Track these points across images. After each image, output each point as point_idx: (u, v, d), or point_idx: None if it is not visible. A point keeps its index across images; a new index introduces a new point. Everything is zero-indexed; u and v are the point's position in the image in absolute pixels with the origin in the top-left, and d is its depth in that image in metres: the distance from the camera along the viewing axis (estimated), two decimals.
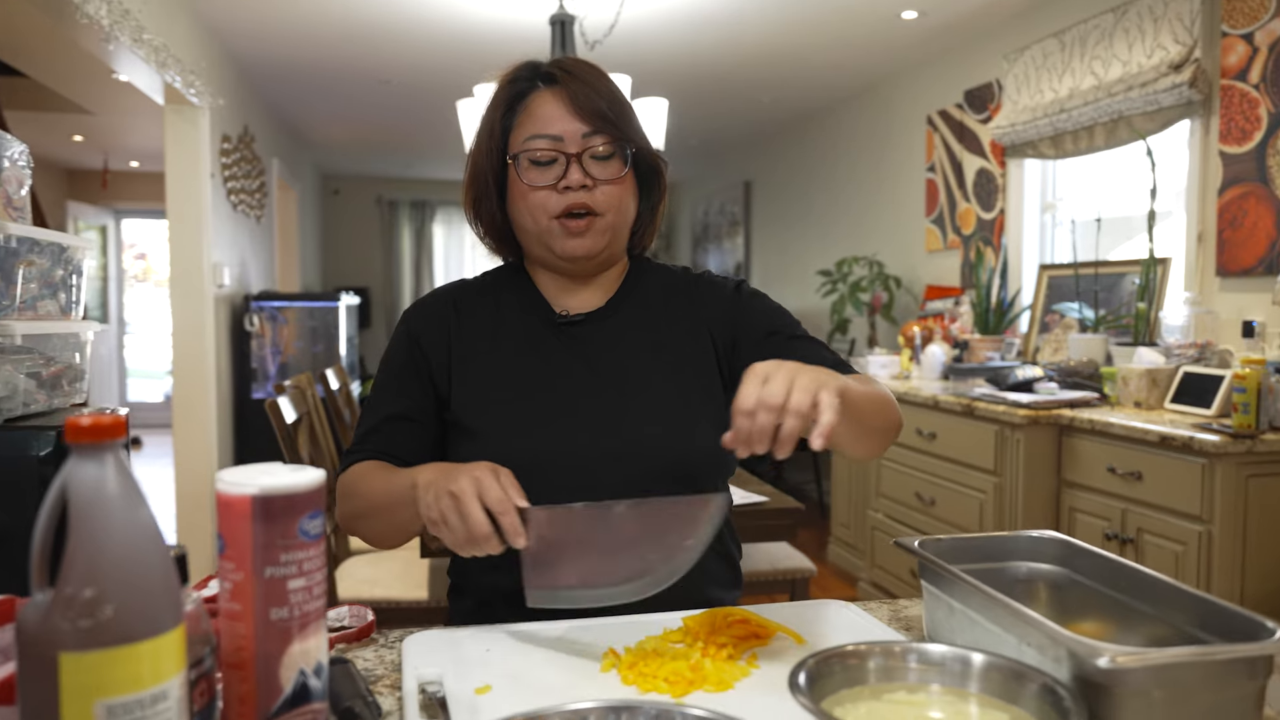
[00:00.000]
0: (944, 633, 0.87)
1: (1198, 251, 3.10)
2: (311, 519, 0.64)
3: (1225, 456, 2.36)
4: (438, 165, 8.27)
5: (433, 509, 0.92)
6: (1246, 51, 2.86)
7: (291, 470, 0.65)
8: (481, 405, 1.15)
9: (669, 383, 1.16)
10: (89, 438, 0.54)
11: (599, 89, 1.13)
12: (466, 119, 3.41)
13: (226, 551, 0.63)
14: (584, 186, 1.10)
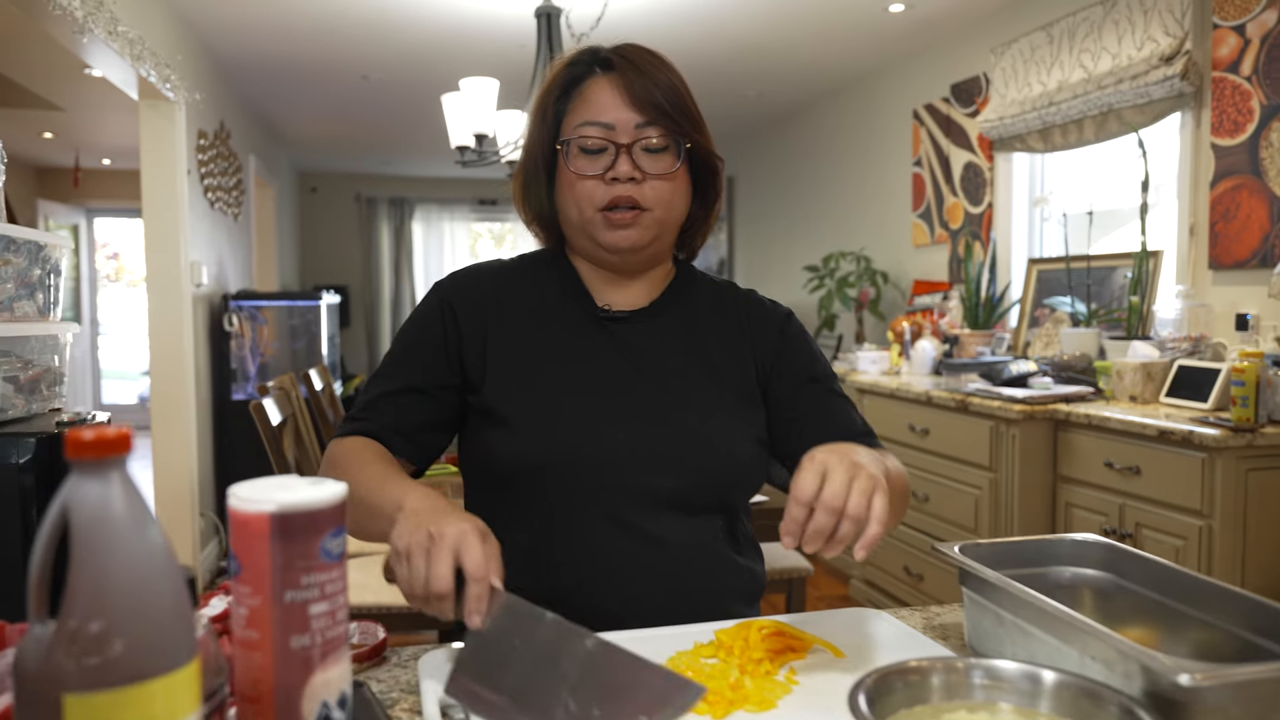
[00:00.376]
0: (990, 644, 0.83)
1: (1190, 244, 3.09)
2: (334, 537, 0.59)
3: (1226, 450, 2.34)
4: (417, 162, 8.17)
5: (403, 540, 0.82)
6: (1238, 43, 2.85)
7: (310, 484, 0.60)
8: (516, 393, 1.09)
9: (711, 391, 1.12)
10: (92, 453, 0.49)
11: (658, 79, 1.07)
12: (452, 113, 3.35)
13: (242, 574, 0.57)
14: (632, 179, 1.06)
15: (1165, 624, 0.86)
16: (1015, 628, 0.79)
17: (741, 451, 1.09)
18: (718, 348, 1.15)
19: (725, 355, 1.15)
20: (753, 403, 1.14)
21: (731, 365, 1.14)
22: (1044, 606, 0.73)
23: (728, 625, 0.91)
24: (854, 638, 0.91)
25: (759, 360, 1.16)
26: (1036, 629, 0.75)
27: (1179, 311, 3.03)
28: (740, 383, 1.14)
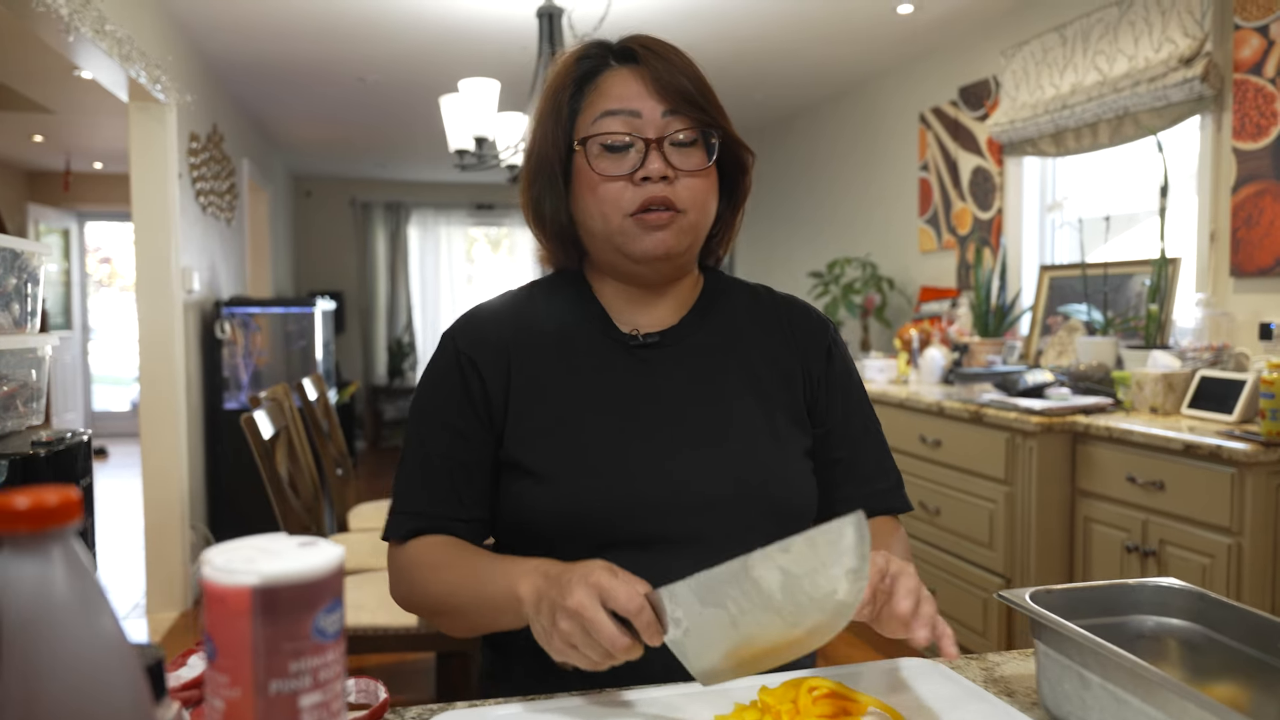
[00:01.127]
0: (1073, 708, 0.73)
1: (1210, 251, 3.01)
2: (329, 613, 0.49)
3: (1256, 466, 2.25)
4: (413, 166, 8.08)
5: (555, 638, 0.77)
6: (1261, 45, 2.77)
7: (300, 546, 0.50)
8: (544, 442, 0.98)
9: (759, 417, 1.01)
10: (28, 525, 0.39)
11: (682, 67, 0.98)
12: (450, 116, 3.25)
13: (218, 660, 0.48)
14: (664, 178, 0.95)
15: (1258, 680, 0.76)
16: (1106, 693, 0.69)
17: (798, 474, 1.00)
18: (762, 363, 1.04)
19: (771, 371, 1.04)
20: (802, 424, 1.04)
21: (778, 382, 1.04)
22: (1153, 678, 0.63)
23: (771, 682, 0.82)
24: (913, 697, 0.81)
25: (808, 376, 1.06)
26: (1135, 698, 0.66)
27: (1199, 320, 2.95)
28: (789, 402, 1.04)
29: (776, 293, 1.13)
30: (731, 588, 0.75)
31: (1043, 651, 0.77)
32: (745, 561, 0.74)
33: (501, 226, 9.34)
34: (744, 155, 1.04)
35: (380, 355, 8.87)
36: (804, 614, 0.74)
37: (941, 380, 3.69)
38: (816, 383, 1.06)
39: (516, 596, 0.84)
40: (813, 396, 1.06)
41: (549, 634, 0.78)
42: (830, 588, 0.73)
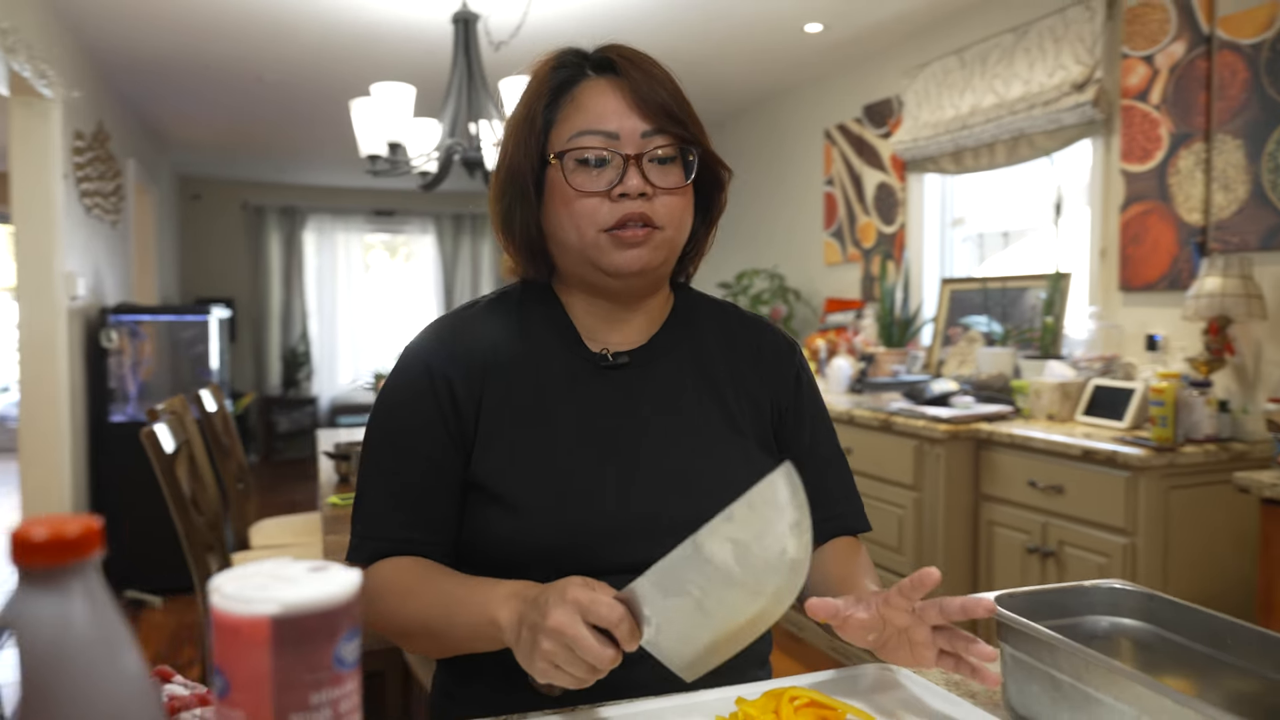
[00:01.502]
0: (1042, 708, 0.76)
1: (1100, 266, 3.18)
2: (348, 641, 0.47)
3: (1149, 470, 2.39)
4: (311, 170, 7.84)
5: (538, 660, 0.76)
6: (1147, 73, 2.95)
7: (312, 571, 0.48)
8: (513, 470, 0.95)
9: (731, 442, 1.00)
10: (46, 560, 0.36)
11: (661, 80, 0.95)
12: (361, 120, 3.17)
13: (232, 695, 0.45)
14: (642, 194, 0.93)
15: (1204, 673, 0.81)
16: (1078, 693, 0.72)
17: None
18: (731, 389, 1.04)
19: (740, 398, 1.04)
20: (768, 447, 1.04)
21: (748, 409, 1.04)
22: (1127, 675, 0.66)
23: (748, 692, 0.82)
24: (886, 703, 0.83)
25: (775, 403, 1.06)
26: (1108, 696, 0.69)
27: (1091, 332, 3.11)
28: (756, 427, 1.03)
29: (745, 314, 1.12)
30: (689, 571, 0.75)
31: (1010, 654, 0.80)
32: (694, 541, 0.74)
33: (401, 234, 9.15)
34: (721, 172, 1.03)
35: (274, 365, 8.56)
36: (763, 579, 0.75)
37: (849, 389, 3.79)
38: (784, 411, 1.06)
39: (495, 623, 0.82)
40: (780, 423, 1.06)
41: (531, 657, 0.76)
42: (779, 546, 0.74)
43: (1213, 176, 2.75)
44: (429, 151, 3.24)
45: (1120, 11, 3.07)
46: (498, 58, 3.55)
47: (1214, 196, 2.75)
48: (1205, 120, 2.77)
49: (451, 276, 9.11)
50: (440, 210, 9.01)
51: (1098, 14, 3.11)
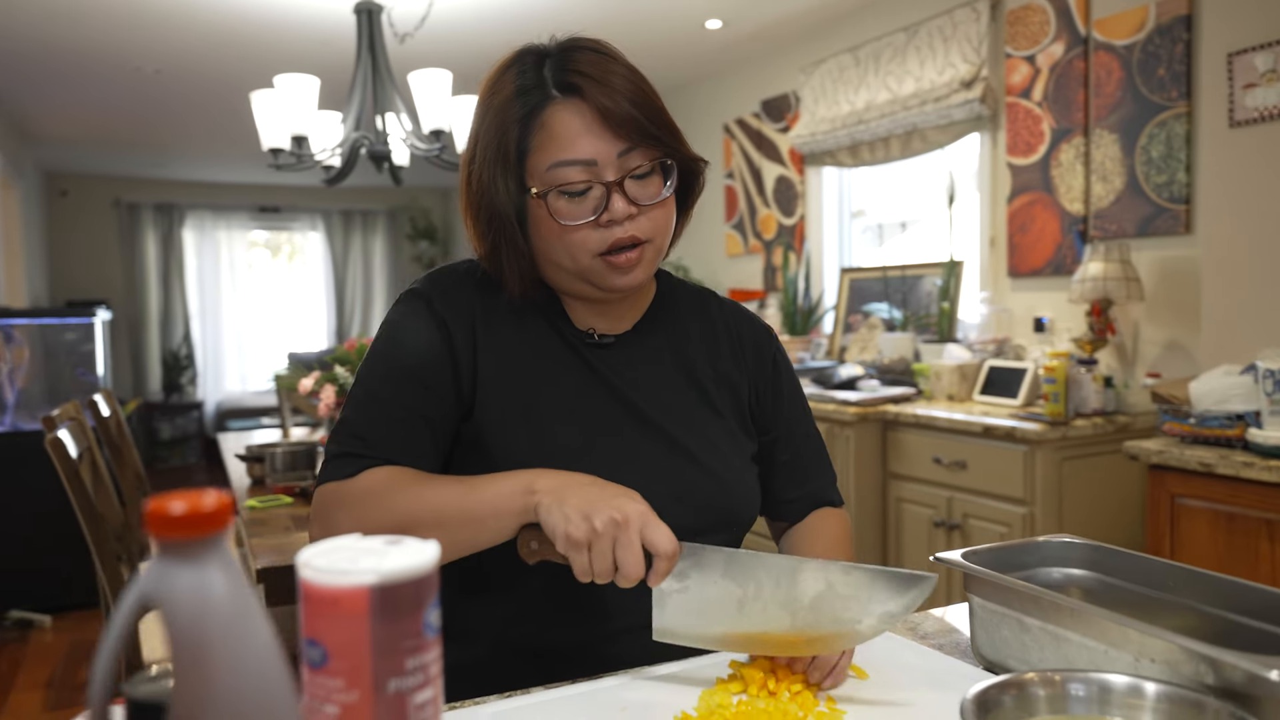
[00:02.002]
0: (1010, 651, 0.83)
1: (990, 254, 3.37)
2: (434, 609, 0.49)
3: (1044, 443, 2.56)
4: (189, 165, 7.51)
5: (580, 528, 0.78)
6: (1030, 72, 3.14)
7: (388, 544, 0.50)
8: (511, 430, 0.96)
9: (711, 422, 1.04)
10: (185, 533, 0.37)
11: (624, 89, 0.93)
12: (263, 113, 3.08)
13: (330, 664, 0.46)
14: (629, 216, 0.94)
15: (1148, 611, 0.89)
16: (1045, 634, 0.79)
17: (746, 486, 1.04)
18: (712, 372, 1.07)
19: (720, 381, 1.08)
20: (747, 430, 1.09)
21: (727, 391, 1.08)
22: (1094, 613, 0.73)
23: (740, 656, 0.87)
24: (865, 655, 0.89)
25: (753, 386, 1.10)
26: (1075, 634, 0.76)
27: (983, 316, 3.30)
28: (734, 409, 1.08)
29: (724, 300, 1.16)
30: (765, 574, 0.80)
31: (979, 604, 0.87)
32: (800, 562, 0.80)
33: (286, 231, 8.85)
34: (697, 165, 1.03)
35: (154, 370, 8.17)
36: (817, 626, 0.80)
37: None
38: (763, 393, 1.11)
39: (531, 489, 0.83)
40: (758, 405, 1.11)
41: (576, 527, 0.78)
42: (858, 616, 0.80)
43: (1092, 169, 2.96)
44: (334, 146, 3.17)
45: (1003, 13, 3.25)
46: (402, 51, 3.50)
47: (1093, 187, 2.96)
48: (1084, 116, 2.97)
49: (343, 275, 8.87)
50: (329, 207, 8.76)
51: (983, 15, 3.29)
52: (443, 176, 8.04)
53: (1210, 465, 2.06)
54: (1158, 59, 2.73)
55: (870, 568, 0.80)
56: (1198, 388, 2.19)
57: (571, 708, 0.79)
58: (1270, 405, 2.00)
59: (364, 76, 3.16)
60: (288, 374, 4.02)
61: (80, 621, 3.87)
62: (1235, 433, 2.10)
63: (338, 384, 2.36)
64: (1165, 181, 2.74)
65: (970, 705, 0.63)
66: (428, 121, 3.07)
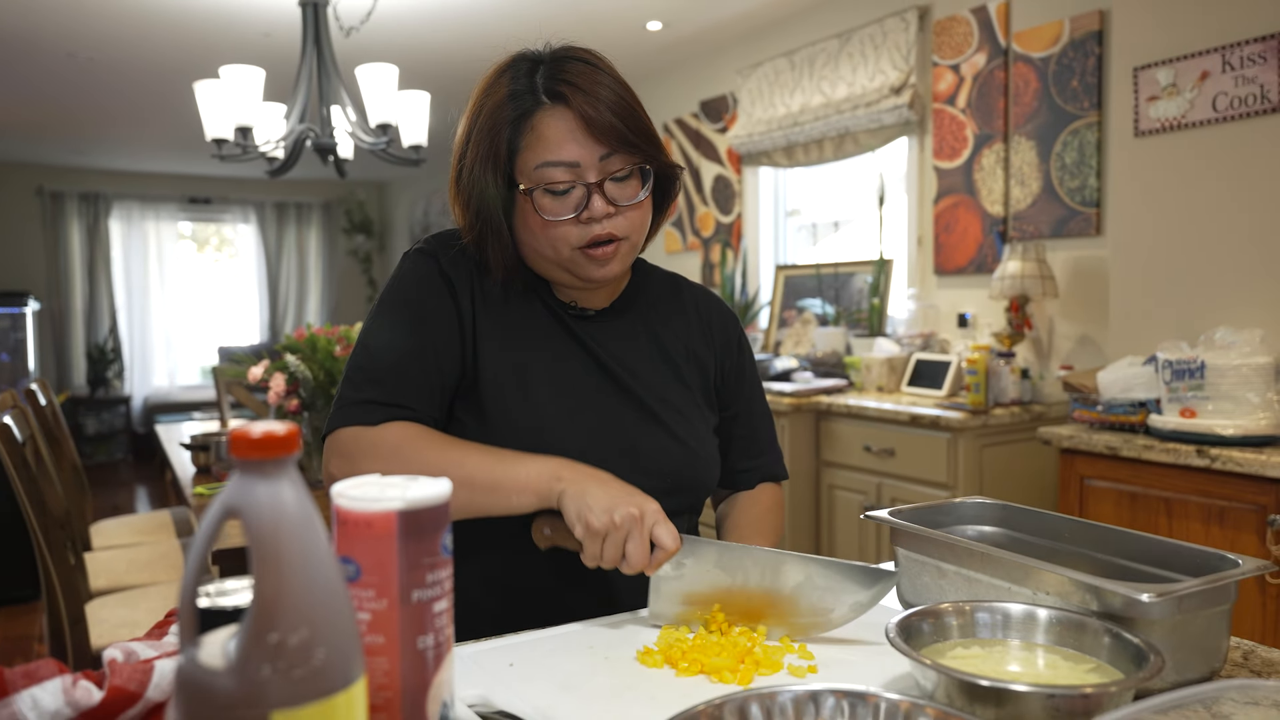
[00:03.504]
0: (931, 595, 0.94)
1: (918, 253, 3.54)
2: (449, 533, 0.58)
3: (966, 431, 2.72)
4: (118, 153, 7.34)
5: (600, 519, 0.88)
6: (954, 80, 3.31)
7: (408, 480, 0.58)
8: (502, 384, 1.05)
9: (680, 394, 1.14)
10: (262, 453, 0.45)
11: (608, 99, 1.01)
12: (207, 103, 3.08)
13: (363, 578, 0.54)
14: (607, 215, 1.03)
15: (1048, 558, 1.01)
16: (960, 578, 0.91)
17: (709, 454, 1.14)
18: (680, 348, 1.17)
19: (687, 356, 1.17)
20: (711, 404, 1.19)
21: (696, 369, 1.17)
22: (1001, 556, 0.85)
23: None
24: None
25: (719, 364, 1.20)
26: (985, 575, 0.88)
27: (911, 312, 3.46)
28: (701, 384, 1.18)
29: (694, 285, 1.26)
30: (753, 565, 0.91)
31: (903, 555, 0.98)
32: (782, 556, 0.91)
33: (217, 223, 8.70)
34: (674, 170, 1.12)
35: (78, 363, 7.96)
36: (793, 611, 0.91)
37: None
38: (728, 372, 1.22)
39: (557, 475, 0.93)
40: (723, 383, 1.21)
41: (598, 518, 0.89)
42: (832, 605, 0.90)
43: (1011, 173, 3.14)
44: (279, 138, 3.18)
45: (930, 24, 3.42)
46: (348, 44, 3.52)
47: (1012, 191, 3.14)
48: (1004, 123, 3.15)
49: (276, 269, 8.76)
50: (263, 199, 8.64)
51: (911, 25, 3.45)
52: (380, 169, 8.00)
53: (1115, 449, 2.23)
54: (1072, 71, 2.92)
55: (844, 562, 0.91)
56: (1105, 378, 2.36)
57: (545, 648, 0.88)
58: (1169, 393, 2.18)
59: (309, 69, 3.18)
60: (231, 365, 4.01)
61: (21, 614, 3.81)
62: (1138, 419, 2.28)
63: (288, 372, 2.40)
64: (1078, 186, 2.92)
65: (895, 629, 0.74)
66: (375, 115, 3.10)
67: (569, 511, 0.91)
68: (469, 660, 0.85)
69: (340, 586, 0.47)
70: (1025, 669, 0.74)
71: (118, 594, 2.58)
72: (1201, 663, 0.79)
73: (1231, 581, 0.78)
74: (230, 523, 2.00)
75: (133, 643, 0.71)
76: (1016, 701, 0.64)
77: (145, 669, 0.63)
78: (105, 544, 3.18)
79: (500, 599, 1.06)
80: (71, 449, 3.36)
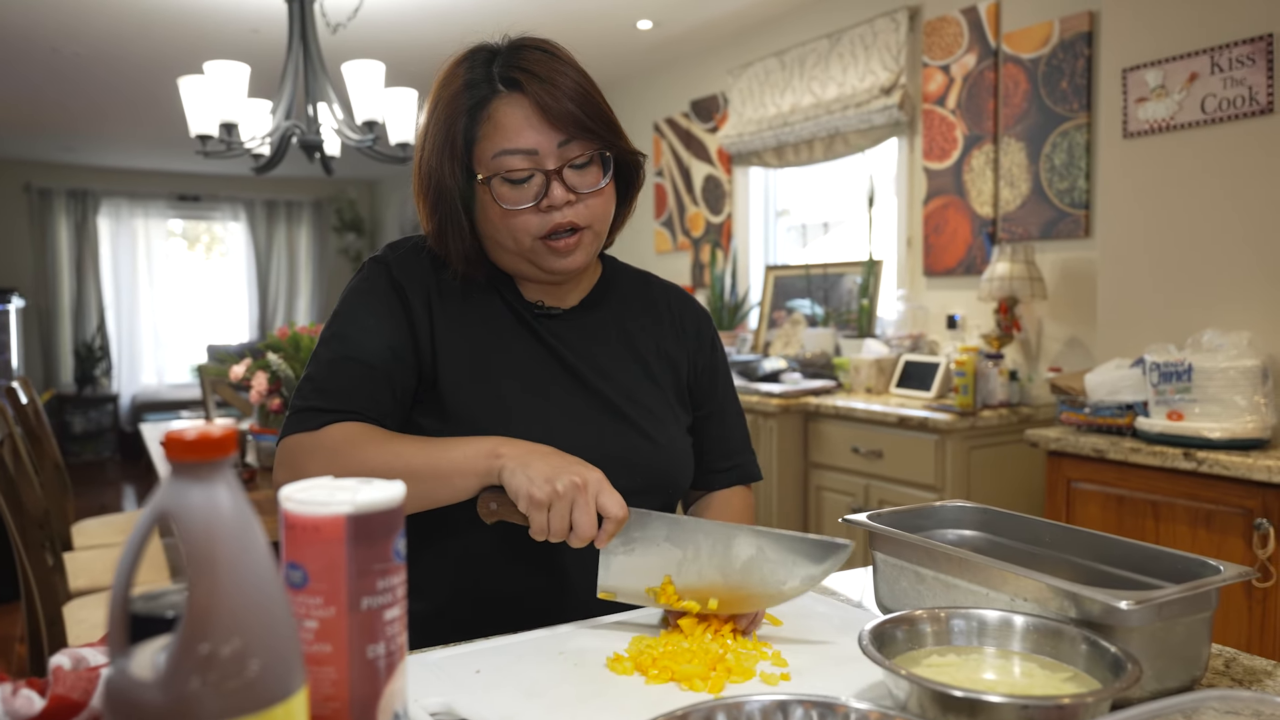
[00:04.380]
0: (909, 600, 0.93)
1: (907, 254, 3.53)
2: (401, 538, 0.56)
3: (954, 433, 2.71)
4: (107, 150, 7.29)
5: (542, 490, 0.86)
6: (944, 81, 3.30)
7: (360, 483, 0.56)
8: (468, 393, 1.03)
9: (651, 392, 1.12)
10: (196, 455, 0.43)
11: (565, 87, 1.00)
12: (192, 99, 3.06)
13: (310, 585, 0.52)
14: (568, 203, 1.01)
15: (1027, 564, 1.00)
16: (938, 583, 0.89)
17: (681, 452, 1.12)
18: (654, 348, 1.15)
19: (659, 355, 1.15)
20: (684, 403, 1.17)
21: (667, 367, 1.15)
22: (978, 561, 0.83)
23: None
24: (781, 609, 0.97)
25: (693, 363, 1.18)
26: (962, 581, 0.86)
27: (900, 313, 3.45)
28: (673, 383, 1.16)
29: (665, 283, 1.24)
30: (704, 539, 0.90)
31: (881, 559, 0.96)
32: (733, 529, 0.90)
33: (206, 221, 8.64)
34: (636, 158, 1.10)
35: (65, 361, 7.90)
36: (745, 586, 0.89)
37: None
38: (701, 371, 1.19)
39: (495, 453, 0.92)
40: (696, 382, 1.19)
41: (539, 489, 0.87)
42: (784, 579, 0.89)
43: (1000, 174, 3.13)
44: (264, 134, 3.15)
45: (921, 24, 3.41)
46: (335, 41, 3.49)
47: (1002, 192, 3.13)
48: (994, 125, 3.14)
49: (266, 267, 8.71)
50: (252, 196, 8.60)
51: (901, 26, 3.44)
52: (371, 168, 7.96)
53: (1102, 451, 2.22)
54: (1061, 73, 2.91)
55: (796, 535, 0.90)
56: (1092, 380, 2.35)
57: (513, 654, 0.86)
58: (1156, 396, 2.17)
59: (295, 66, 3.15)
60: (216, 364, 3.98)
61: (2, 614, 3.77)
62: (1125, 421, 2.27)
63: (270, 371, 2.38)
64: (1067, 188, 2.92)
65: (868, 636, 0.72)
66: (361, 112, 3.08)
67: (511, 485, 0.89)
68: (434, 667, 0.83)
69: (279, 594, 0.45)
70: (1001, 677, 0.73)
71: (98, 594, 2.55)
72: (1182, 671, 0.77)
73: (1212, 588, 0.77)
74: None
75: (83, 649, 0.69)
76: (990, 712, 0.63)
77: (90, 677, 0.61)
78: (87, 543, 3.15)
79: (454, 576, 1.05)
80: (54, 448, 3.33)
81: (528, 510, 0.88)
